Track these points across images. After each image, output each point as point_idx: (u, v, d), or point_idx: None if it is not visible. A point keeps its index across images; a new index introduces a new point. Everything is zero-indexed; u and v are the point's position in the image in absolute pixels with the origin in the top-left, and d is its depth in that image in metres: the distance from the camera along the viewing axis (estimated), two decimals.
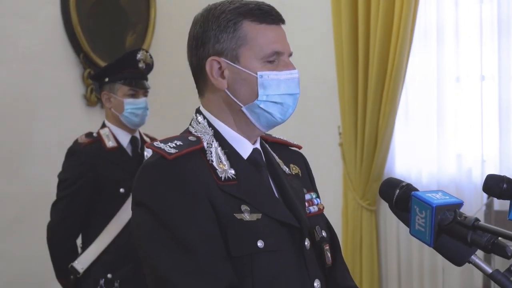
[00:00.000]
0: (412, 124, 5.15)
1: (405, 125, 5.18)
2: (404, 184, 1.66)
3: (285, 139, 2.11)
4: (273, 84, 1.83)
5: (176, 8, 5.42)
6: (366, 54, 5.08)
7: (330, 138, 5.44)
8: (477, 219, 1.51)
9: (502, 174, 1.81)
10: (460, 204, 1.55)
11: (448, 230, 1.52)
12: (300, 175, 2.03)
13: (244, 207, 1.77)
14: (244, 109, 1.86)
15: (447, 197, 1.55)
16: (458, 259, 1.57)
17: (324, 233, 1.95)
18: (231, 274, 1.70)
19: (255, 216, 1.78)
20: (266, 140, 2.03)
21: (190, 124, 1.93)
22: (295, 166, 2.04)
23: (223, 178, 1.79)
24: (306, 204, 1.95)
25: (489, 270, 1.51)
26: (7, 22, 4.29)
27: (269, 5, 1.89)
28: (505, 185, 1.77)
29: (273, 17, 1.87)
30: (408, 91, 5.13)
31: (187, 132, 1.90)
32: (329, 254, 1.93)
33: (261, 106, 1.84)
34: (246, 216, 1.76)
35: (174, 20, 5.37)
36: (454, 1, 4.93)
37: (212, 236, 1.71)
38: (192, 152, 1.80)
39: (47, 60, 4.51)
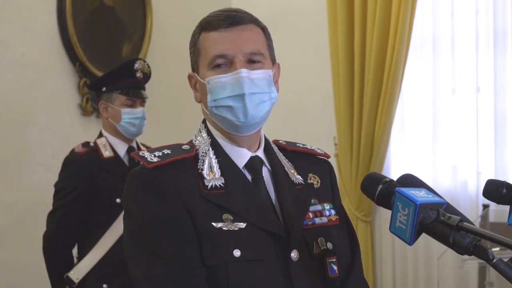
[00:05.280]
0: (408, 135, 5.16)
1: (401, 136, 5.18)
2: (387, 179, 1.64)
3: (312, 148, 2.10)
4: (218, 88, 1.84)
5: (172, 18, 5.42)
6: (362, 64, 5.08)
7: (325, 149, 5.34)
8: (461, 220, 1.48)
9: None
10: (443, 204, 1.53)
11: (430, 229, 1.50)
12: (319, 185, 2.00)
13: (226, 216, 1.78)
14: (210, 117, 1.91)
15: (431, 196, 1.53)
16: None
17: (330, 245, 1.89)
18: (204, 283, 1.72)
19: (239, 225, 1.78)
20: (285, 149, 2.03)
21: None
22: (315, 176, 2.01)
23: (209, 187, 1.81)
24: (311, 215, 1.91)
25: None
26: (3, 31, 4.27)
27: (233, 10, 1.89)
28: (504, 190, 1.77)
29: (228, 22, 1.85)
30: (403, 102, 5.14)
31: (190, 141, 1.93)
32: (334, 267, 1.88)
33: (214, 112, 1.86)
34: (226, 225, 1.77)
35: (170, 30, 5.37)
36: (450, 12, 4.95)
37: (186, 244, 1.74)
38: (179, 161, 1.83)
39: (42, 69, 4.48)
